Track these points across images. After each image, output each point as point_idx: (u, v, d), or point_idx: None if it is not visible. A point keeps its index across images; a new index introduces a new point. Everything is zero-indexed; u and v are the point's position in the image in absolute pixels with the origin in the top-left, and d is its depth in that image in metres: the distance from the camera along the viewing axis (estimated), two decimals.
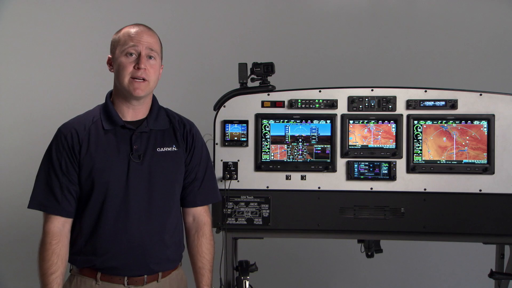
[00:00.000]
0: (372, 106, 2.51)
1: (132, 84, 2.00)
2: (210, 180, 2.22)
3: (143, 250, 2.03)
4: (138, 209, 2.03)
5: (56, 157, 2.01)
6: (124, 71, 2.00)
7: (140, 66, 2.00)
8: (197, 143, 2.18)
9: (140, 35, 2.02)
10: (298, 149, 2.53)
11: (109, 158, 2.01)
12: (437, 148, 2.49)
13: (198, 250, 2.18)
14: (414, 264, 3.98)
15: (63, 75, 3.99)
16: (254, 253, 2.90)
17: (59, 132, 2.05)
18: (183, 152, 2.14)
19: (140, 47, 2.01)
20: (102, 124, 2.04)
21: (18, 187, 3.95)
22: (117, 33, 2.07)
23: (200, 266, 2.17)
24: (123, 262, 2.02)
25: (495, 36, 3.89)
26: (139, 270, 2.04)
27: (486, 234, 2.48)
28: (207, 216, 2.21)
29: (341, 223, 2.49)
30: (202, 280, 2.18)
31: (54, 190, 2.00)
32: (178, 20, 4.00)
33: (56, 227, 2.00)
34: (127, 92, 2.02)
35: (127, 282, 2.03)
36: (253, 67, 2.57)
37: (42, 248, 2.00)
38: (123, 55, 2.01)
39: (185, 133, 2.16)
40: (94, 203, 2.01)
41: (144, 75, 2.01)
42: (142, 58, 2.01)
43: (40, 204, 2.02)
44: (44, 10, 4.00)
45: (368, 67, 3.91)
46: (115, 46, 2.05)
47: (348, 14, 3.98)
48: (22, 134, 3.96)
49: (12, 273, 4.00)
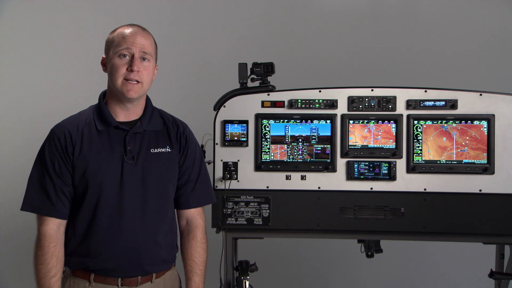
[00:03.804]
0: (372, 106, 2.51)
1: (125, 85, 1.99)
2: (204, 182, 2.22)
3: (137, 251, 2.03)
4: (132, 210, 2.02)
5: (49, 158, 1.99)
6: (117, 72, 1.99)
7: (132, 69, 1.99)
8: (191, 144, 2.18)
9: (134, 37, 2.01)
10: (298, 149, 2.53)
11: (102, 159, 2.00)
12: (437, 148, 2.49)
13: (188, 253, 2.18)
14: (414, 264, 3.98)
15: (62, 75, 3.99)
16: (254, 253, 2.90)
17: (52, 133, 2.03)
18: (176, 153, 2.13)
19: (133, 49, 2.00)
20: (96, 124, 2.03)
21: (18, 187, 3.96)
22: (112, 33, 2.06)
23: (188, 270, 2.18)
24: (117, 263, 2.01)
25: (495, 36, 3.89)
26: (133, 271, 2.04)
27: (486, 234, 2.48)
28: (201, 219, 2.21)
29: (341, 223, 2.49)
30: (188, 283, 2.18)
31: (48, 191, 1.99)
32: (178, 20, 4.00)
33: (52, 229, 1.98)
34: (120, 94, 2.02)
35: (121, 283, 2.02)
36: (253, 67, 2.57)
37: (40, 252, 1.96)
38: (117, 56, 2.00)
39: (178, 134, 2.15)
40: (87, 205, 2.00)
41: (137, 77, 2.00)
42: (135, 60, 1.99)
43: (34, 206, 2.00)
44: (43, 11, 4.00)
45: (368, 67, 3.91)
46: (109, 47, 2.04)
47: (348, 14, 3.98)
48: (21, 134, 3.95)
49: (13, 273, 4.00)
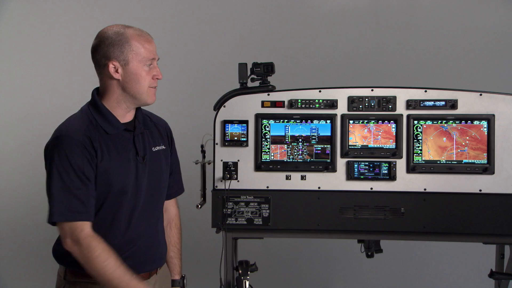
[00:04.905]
0: (372, 106, 2.51)
1: (149, 92, 2.04)
2: (179, 173, 2.34)
3: (151, 248, 2.11)
4: (145, 209, 2.08)
5: (77, 164, 1.91)
6: (145, 82, 2.01)
7: (159, 77, 2.05)
8: (172, 138, 2.27)
9: (153, 46, 2.04)
10: (298, 149, 2.53)
11: (120, 163, 2.01)
12: (437, 148, 2.49)
13: (171, 241, 2.29)
14: (414, 264, 3.98)
15: (62, 75, 3.99)
16: (254, 253, 2.91)
17: (70, 138, 1.93)
18: (168, 149, 2.21)
19: (155, 58, 2.05)
20: (103, 128, 2.01)
21: (18, 187, 3.96)
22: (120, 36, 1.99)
23: (172, 256, 2.29)
24: (135, 261, 2.05)
25: (495, 36, 3.89)
26: (148, 266, 2.12)
27: (486, 234, 2.48)
28: (177, 207, 2.34)
29: (341, 223, 2.49)
30: (174, 268, 2.30)
31: (81, 198, 1.92)
32: (178, 20, 4.00)
33: (90, 230, 1.93)
34: (140, 100, 2.04)
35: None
36: (253, 67, 2.57)
37: (96, 252, 1.89)
38: (143, 66, 2.00)
39: (164, 130, 2.23)
40: (108, 207, 2.00)
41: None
42: (158, 69, 2.06)
43: (68, 215, 1.90)
44: (43, 11, 4.00)
45: (368, 67, 3.91)
46: (127, 55, 1.98)
47: (348, 14, 3.98)
48: (21, 134, 3.96)
49: (12, 273, 4.00)
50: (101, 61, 2.01)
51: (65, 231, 1.92)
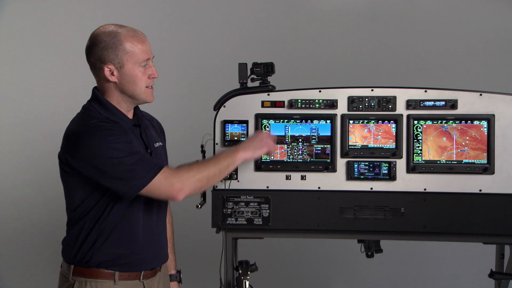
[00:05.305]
0: (372, 106, 2.51)
1: (147, 92, 2.05)
2: None
3: (160, 244, 2.16)
4: (155, 205, 2.11)
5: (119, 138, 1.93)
6: (141, 82, 2.02)
7: (155, 76, 2.05)
8: (165, 135, 2.32)
9: (147, 45, 2.04)
10: (298, 149, 2.53)
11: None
12: (437, 148, 2.49)
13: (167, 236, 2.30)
14: (414, 264, 3.98)
15: (62, 75, 3.99)
16: (254, 253, 2.90)
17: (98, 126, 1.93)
18: (164, 145, 2.27)
19: (151, 57, 2.05)
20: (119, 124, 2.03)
21: (18, 187, 3.96)
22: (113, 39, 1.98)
23: (168, 251, 2.29)
24: (148, 255, 2.09)
25: (495, 36, 3.89)
26: (158, 261, 2.16)
27: (486, 234, 2.48)
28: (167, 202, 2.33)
29: (341, 223, 2.49)
30: (170, 263, 2.34)
31: (144, 155, 2.01)
32: (178, 20, 4.00)
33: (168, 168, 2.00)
34: (139, 100, 2.07)
35: (143, 276, 2.08)
36: (253, 67, 2.57)
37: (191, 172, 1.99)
38: (138, 67, 2.01)
39: (159, 126, 2.28)
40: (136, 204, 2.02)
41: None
42: (154, 67, 2.06)
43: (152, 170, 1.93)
44: (43, 11, 4.00)
45: (368, 67, 3.91)
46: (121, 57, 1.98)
47: (348, 14, 3.98)
48: (21, 134, 3.96)
49: (13, 273, 4.00)
50: (96, 65, 2.01)
51: (159, 186, 1.94)
